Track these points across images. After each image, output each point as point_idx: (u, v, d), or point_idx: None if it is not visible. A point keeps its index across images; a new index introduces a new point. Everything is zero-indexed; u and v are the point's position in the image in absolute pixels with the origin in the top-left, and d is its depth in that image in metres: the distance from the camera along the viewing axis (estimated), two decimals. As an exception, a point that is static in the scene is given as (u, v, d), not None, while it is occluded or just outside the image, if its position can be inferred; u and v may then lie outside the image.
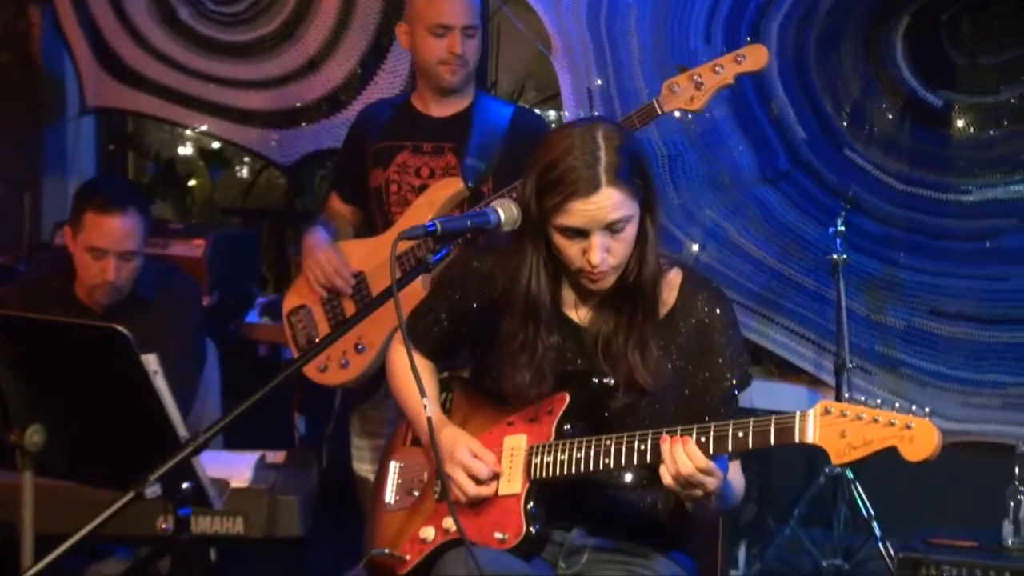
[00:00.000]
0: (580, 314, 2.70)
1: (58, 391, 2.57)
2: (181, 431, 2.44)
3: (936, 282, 4.44)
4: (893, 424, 2.26)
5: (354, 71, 5.19)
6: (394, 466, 2.90)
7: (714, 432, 2.42)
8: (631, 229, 2.54)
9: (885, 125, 4.51)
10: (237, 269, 5.07)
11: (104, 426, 2.55)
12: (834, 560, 4.26)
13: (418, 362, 2.76)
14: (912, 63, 4.41)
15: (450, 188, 3.67)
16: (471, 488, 2.63)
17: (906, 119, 4.47)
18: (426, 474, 2.82)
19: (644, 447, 2.50)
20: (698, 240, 4.62)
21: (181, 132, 6.04)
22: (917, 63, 4.41)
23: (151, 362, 2.41)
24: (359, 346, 3.70)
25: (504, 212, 2.53)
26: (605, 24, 4.61)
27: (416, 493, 2.82)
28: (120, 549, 3.50)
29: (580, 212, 2.49)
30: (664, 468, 2.44)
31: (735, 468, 2.61)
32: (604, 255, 2.52)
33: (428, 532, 2.70)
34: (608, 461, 2.54)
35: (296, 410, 4.78)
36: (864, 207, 4.48)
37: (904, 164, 4.48)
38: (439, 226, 2.44)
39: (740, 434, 2.40)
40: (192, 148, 6.26)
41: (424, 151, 3.78)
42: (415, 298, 2.94)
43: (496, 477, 2.65)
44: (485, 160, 3.69)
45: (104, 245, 3.61)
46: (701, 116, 4.50)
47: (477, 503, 2.64)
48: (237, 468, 3.34)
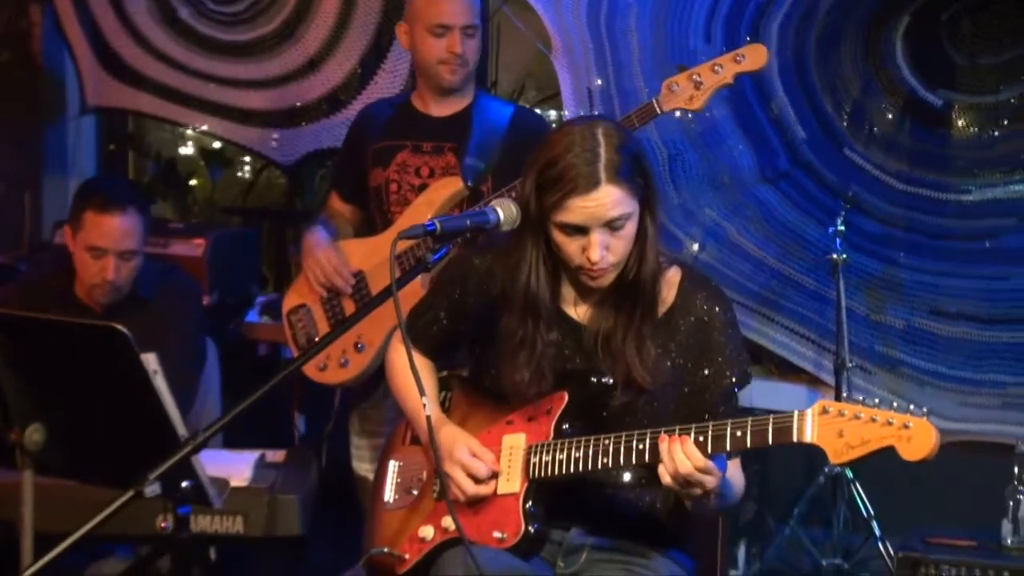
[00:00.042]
0: (579, 312, 2.70)
1: (58, 390, 2.57)
2: (180, 430, 2.44)
3: (936, 282, 4.44)
4: (891, 423, 2.26)
5: (354, 71, 5.19)
6: (393, 465, 2.90)
7: (712, 431, 2.42)
8: (631, 227, 2.55)
9: (885, 125, 4.51)
10: (237, 268, 5.07)
11: (104, 425, 2.55)
12: (834, 559, 4.26)
13: (417, 361, 2.76)
14: (912, 63, 4.41)
15: (449, 187, 3.67)
16: (470, 487, 2.63)
17: (906, 119, 4.47)
18: (425, 473, 2.82)
19: (642, 446, 2.50)
20: (698, 239, 4.62)
21: (181, 132, 6.04)
22: (917, 63, 4.41)
23: (151, 361, 2.41)
24: (358, 345, 3.70)
25: (503, 211, 2.53)
26: (605, 23, 4.61)
27: (415, 492, 2.82)
28: (120, 548, 3.50)
29: (580, 209, 2.50)
30: (663, 467, 2.44)
31: (735, 466, 2.61)
32: (603, 252, 2.52)
33: (427, 531, 2.70)
34: (606, 460, 2.54)
35: (296, 409, 4.77)
36: (864, 207, 4.48)
37: (904, 164, 4.48)
38: (438, 225, 2.44)
39: (738, 433, 2.40)
40: (192, 148, 6.26)
41: (424, 151, 3.78)
42: (414, 297, 2.94)
43: (495, 476, 2.65)
44: (485, 159, 3.69)
45: (103, 244, 3.61)
46: (701, 116, 4.50)
47: (476, 502, 2.64)
48: (237, 467, 3.33)
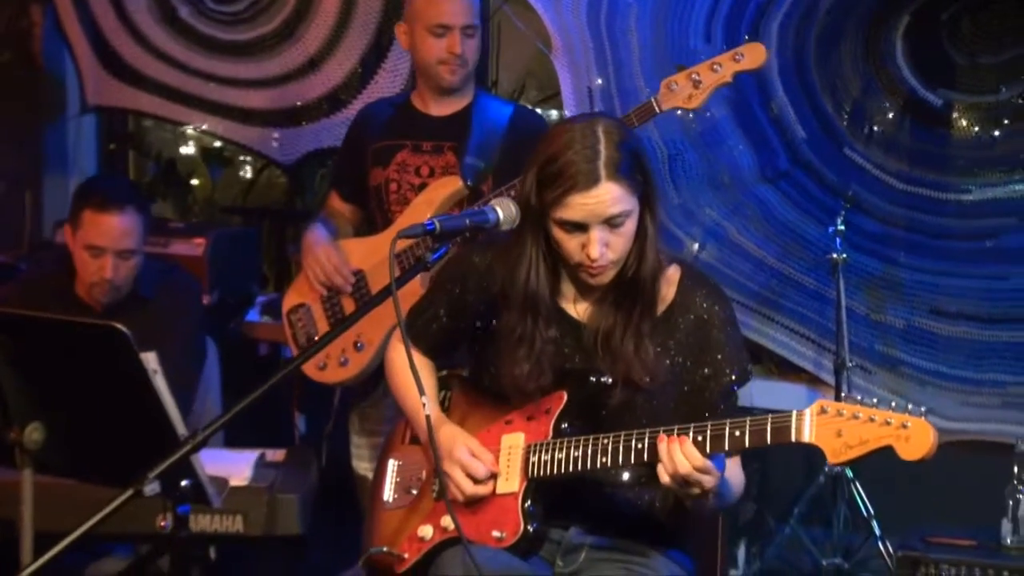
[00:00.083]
0: (579, 309, 2.70)
1: (58, 389, 2.57)
2: (180, 429, 2.44)
3: (936, 281, 4.44)
4: (889, 423, 2.26)
5: (355, 70, 5.19)
6: (392, 464, 2.90)
7: (711, 431, 2.42)
8: (630, 224, 2.55)
9: (885, 124, 4.51)
10: (238, 268, 5.07)
11: (104, 424, 2.55)
12: (834, 559, 4.26)
13: (417, 360, 2.76)
14: (912, 62, 4.41)
15: (449, 187, 3.67)
16: (468, 487, 2.63)
17: (906, 118, 4.47)
18: (424, 472, 2.82)
19: (641, 446, 2.49)
20: (698, 239, 4.62)
21: (182, 131, 6.04)
22: (917, 62, 4.41)
23: (150, 360, 2.41)
24: (358, 344, 3.71)
25: (502, 211, 2.54)
26: (605, 23, 4.61)
27: (414, 491, 2.82)
28: (120, 547, 3.50)
29: (579, 206, 2.50)
30: (661, 467, 2.44)
31: (735, 464, 2.61)
32: (603, 249, 2.52)
33: (426, 530, 2.70)
34: (605, 460, 2.54)
35: (296, 409, 4.77)
36: (864, 206, 4.48)
37: (904, 163, 4.48)
38: (438, 225, 2.44)
39: (737, 433, 2.40)
40: (193, 147, 6.25)
41: (424, 150, 3.78)
42: (413, 296, 2.94)
43: (493, 477, 2.65)
44: (485, 159, 3.69)
45: (102, 243, 3.61)
46: (701, 115, 4.52)
47: (475, 502, 2.64)
48: (237, 466, 3.33)
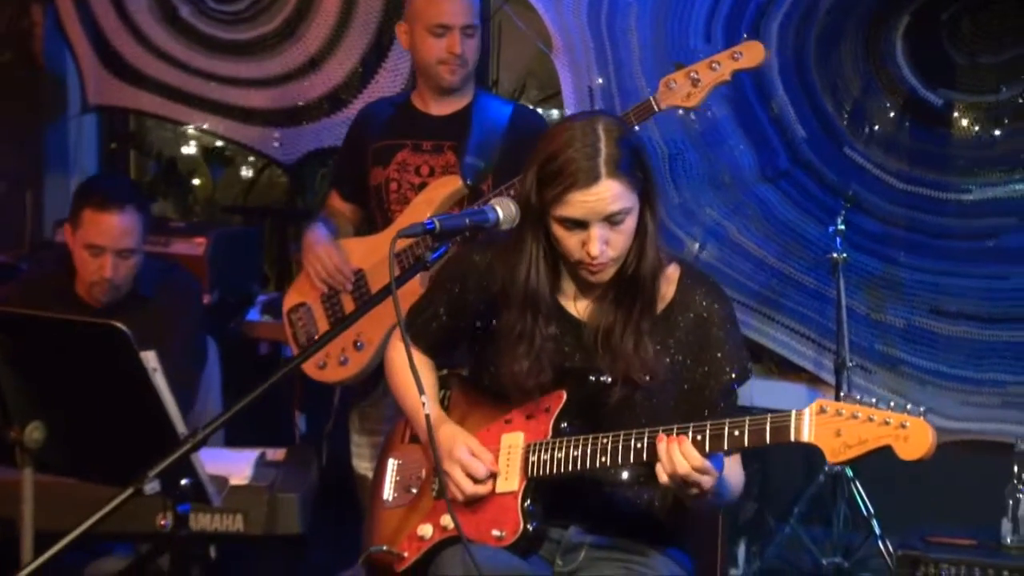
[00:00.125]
0: (579, 307, 2.70)
1: (58, 388, 2.57)
2: (180, 428, 2.44)
3: (936, 281, 4.44)
4: (888, 423, 2.26)
5: (355, 70, 5.19)
6: (392, 463, 2.90)
7: (710, 431, 2.42)
8: (630, 222, 2.55)
9: (885, 124, 4.51)
10: (238, 267, 5.07)
11: (104, 423, 2.55)
12: (834, 558, 4.26)
13: (417, 358, 2.76)
14: (912, 62, 4.41)
15: (449, 186, 3.67)
16: (468, 486, 2.63)
17: (906, 118, 4.48)
18: (424, 471, 2.82)
19: (641, 445, 2.49)
20: (699, 239, 4.62)
21: (183, 130, 6.04)
22: (917, 62, 4.41)
23: (150, 359, 2.41)
24: (358, 343, 3.71)
25: (502, 210, 2.54)
26: (606, 23, 4.61)
27: (414, 490, 2.82)
28: (121, 546, 3.51)
29: (580, 203, 2.50)
30: (660, 467, 2.44)
31: (735, 462, 2.61)
32: (603, 247, 2.52)
33: (426, 529, 2.70)
34: (605, 459, 2.54)
35: (297, 408, 4.78)
36: (864, 206, 4.48)
37: (904, 163, 4.48)
38: (437, 224, 2.44)
39: (736, 432, 2.40)
40: (194, 146, 6.26)
41: (424, 149, 3.78)
42: (413, 296, 2.94)
43: (493, 476, 2.65)
44: (485, 158, 3.69)
45: (101, 242, 3.61)
46: (702, 115, 4.53)
47: (475, 501, 2.64)
48: (237, 465, 3.33)
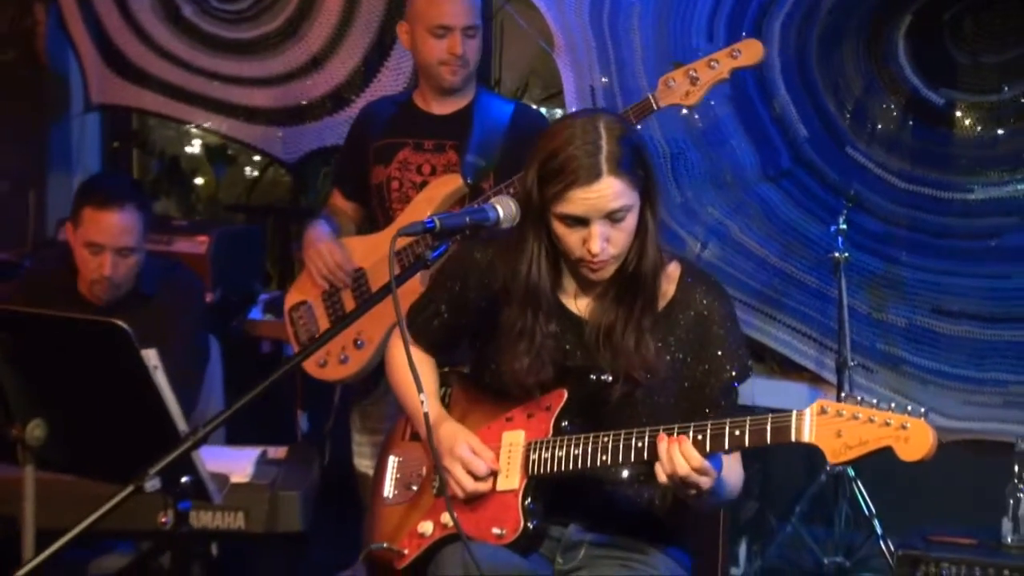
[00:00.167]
0: (580, 305, 2.70)
1: (59, 386, 2.57)
2: (181, 426, 2.44)
3: (938, 280, 4.44)
4: (889, 424, 2.26)
5: (358, 68, 5.20)
6: (393, 460, 2.90)
7: (711, 430, 2.42)
8: (631, 219, 2.55)
9: (887, 124, 4.51)
10: (240, 266, 5.08)
11: (105, 420, 2.56)
12: (835, 557, 4.26)
13: (418, 356, 2.78)
14: (914, 62, 4.41)
15: (449, 185, 3.67)
16: (468, 484, 2.63)
17: (908, 118, 4.47)
18: (425, 469, 2.83)
19: (641, 444, 2.50)
20: (700, 238, 4.62)
21: (186, 129, 6.05)
22: (919, 62, 4.41)
23: (151, 357, 2.41)
24: (358, 342, 3.71)
25: (502, 208, 2.54)
26: (608, 22, 4.61)
27: (415, 488, 2.82)
28: (123, 544, 3.51)
29: (581, 200, 2.50)
30: (659, 467, 2.44)
31: (734, 461, 2.61)
32: (604, 244, 2.53)
33: (426, 527, 2.70)
34: (605, 458, 2.54)
35: (299, 406, 4.78)
36: (866, 205, 4.48)
37: (906, 162, 4.48)
38: (438, 223, 2.44)
39: (737, 432, 2.40)
40: (197, 145, 6.27)
41: (425, 148, 3.79)
42: (413, 294, 2.94)
43: (494, 474, 2.65)
44: (486, 157, 3.70)
45: (101, 240, 3.62)
46: (704, 114, 4.53)
47: (475, 498, 2.64)
48: (239, 463, 3.34)
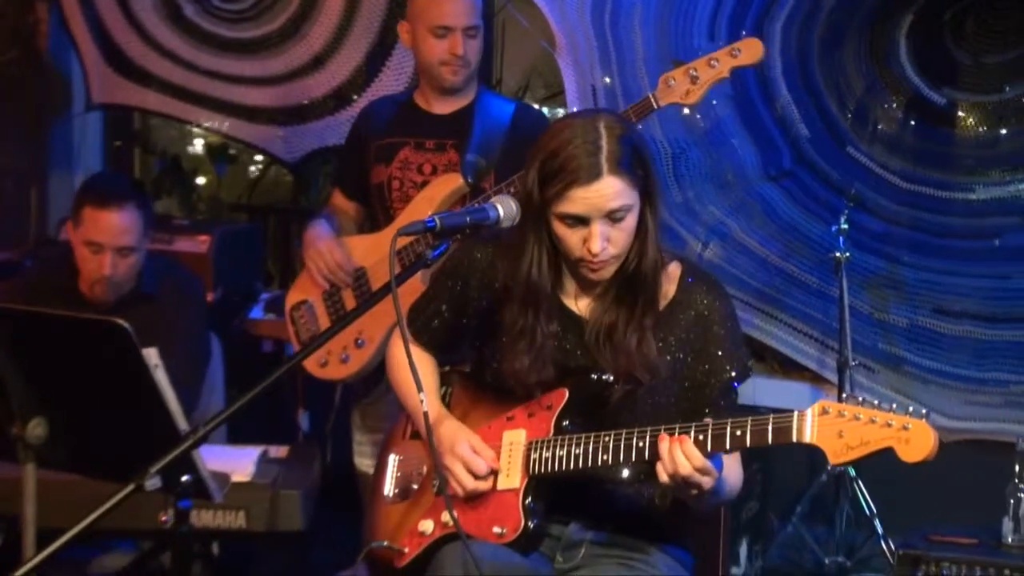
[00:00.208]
0: (580, 306, 2.70)
1: (60, 384, 2.58)
2: (181, 424, 2.45)
3: (939, 280, 4.44)
4: (890, 425, 2.26)
5: (359, 68, 5.20)
6: (393, 459, 2.90)
7: (712, 431, 2.42)
8: (631, 219, 2.55)
9: (889, 123, 4.51)
10: (242, 265, 5.08)
11: (106, 419, 2.56)
12: (836, 557, 4.26)
13: (419, 356, 2.78)
14: (915, 62, 4.41)
15: (450, 184, 3.67)
16: (469, 482, 2.63)
17: (910, 117, 4.47)
18: (425, 467, 2.83)
19: (642, 444, 2.50)
20: (702, 237, 4.62)
21: (187, 128, 6.05)
22: (920, 62, 4.41)
23: (152, 356, 2.41)
24: (359, 341, 3.71)
25: (503, 208, 2.54)
26: (609, 22, 4.61)
27: (415, 486, 2.82)
28: (124, 543, 3.52)
29: (581, 199, 2.50)
30: (661, 466, 2.44)
31: (734, 461, 2.60)
32: (604, 244, 2.53)
33: (427, 525, 2.70)
34: (607, 457, 2.54)
35: (300, 406, 4.78)
36: (868, 205, 4.48)
37: (908, 162, 4.48)
38: (438, 222, 2.45)
39: (738, 433, 2.40)
40: (198, 144, 6.27)
41: (426, 148, 3.79)
42: (414, 293, 2.93)
43: (494, 473, 2.65)
44: (487, 156, 3.70)
45: (101, 239, 3.62)
46: (705, 114, 4.53)
47: (476, 497, 2.64)
48: (240, 462, 3.34)
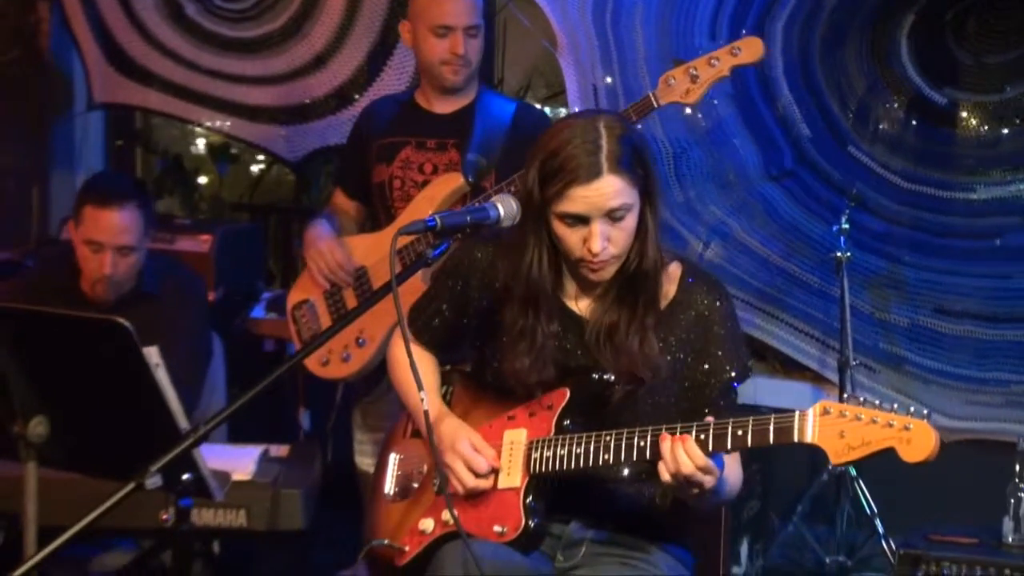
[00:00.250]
0: (581, 306, 2.70)
1: (62, 383, 2.58)
2: (182, 423, 2.45)
3: (940, 280, 4.43)
4: (892, 425, 2.26)
5: (361, 67, 5.20)
6: (394, 458, 2.91)
7: (714, 430, 2.42)
8: (631, 219, 2.55)
9: (890, 123, 4.51)
10: (243, 264, 5.09)
11: (107, 418, 2.56)
12: (837, 557, 4.26)
13: (420, 355, 2.79)
14: (917, 62, 4.41)
15: (451, 183, 3.68)
16: (469, 480, 2.63)
17: (911, 117, 4.47)
18: (426, 466, 2.83)
19: (644, 443, 2.50)
20: (703, 237, 4.62)
21: (190, 128, 6.06)
22: (922, 61, 4.41)
23: (152, 354, 2.42)
24: (360, 340, 3.72)
25: (503, 207, 2.54)
26: (611, 21, 4.61)
27: (416, 485, 2.83)
28: (126, 541, 3.52)
29: (581, 198, 2.51)
30: (663, 465, 2.44)
31: (734, 460, 2.60)
32: (604, 243, 2.53)
33: (427, 524, 2.70)
34: (607, 457, 2.54)
35: (301, 404, 4.79)
36: (869, 205, 4.48)
37: (909, 162, 4.48)
38: (439, 221, 2.45)
39: (739, 432, 2.40)
40: (200, 144, 6.27)
41: (427, 147, 3.79)
42: (414, 293, 2.94)
43: (495, 472, 2.65)
44: (488, 156, 3.70)
45: (101, 239, 3.63)
46: (707, 113, 4.53)
47: (476, 496, 2.65)
48: (241, 461, 3.34)
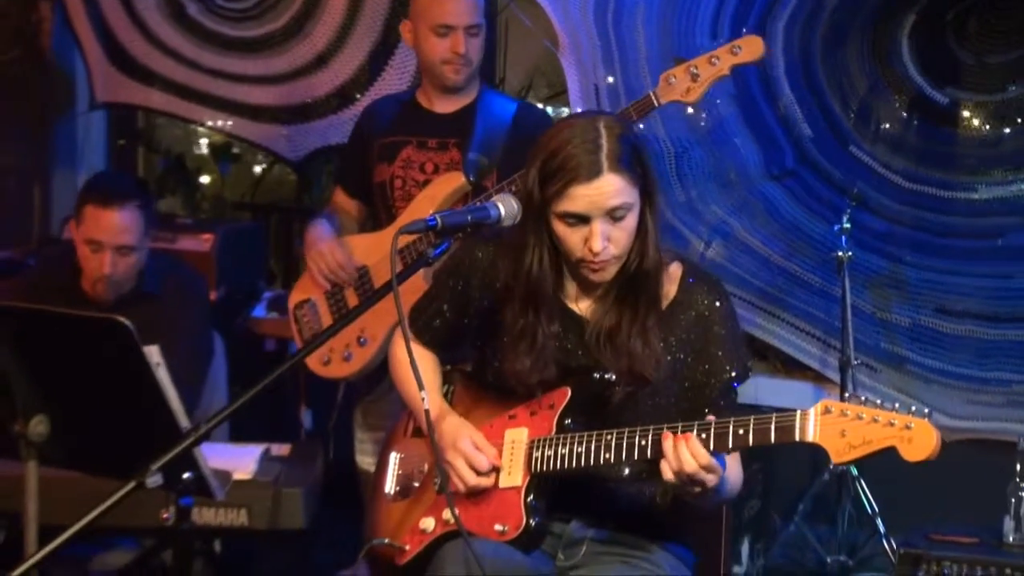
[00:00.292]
0: (581, 307, 2.71)
1: (62, 382, 2.58)
2: (183, 422, 2.45)
3: (942, 280, 4.44)
4: (893, 424, 2.26)
5: (363, 67, 5.21)
6: (395, 457, 2.91)
7: (715, 429, 2.43)
8: (631, 219, 2.56)
9: (892, 123, 4.51)
10: (245, 263, 5.09)
11: (107, 417, 2.57)
12: (838, 556, 4.26)
13: (421, 354, 2.79)
14: (918, 61, 4.41)
15: (452, 183, 3.68)
16: (471, 478, 2.64)
17: (913, 117, 4.47)
18: (427, 465, 2.83)
19: (645, 442, 2.50)
20: (704, 237, 4.62)
21: (191, 127, 6.06)
22: (923, 61, 4.41)
23: (153, 353, 2.42)
24: (361, 339, 3.72)
25: (504, 207, 2.55)
26: (612, 21, 4.61)
27: (416, 484, 2.83)
28: (127, 540, 3.52)
29: (582, 197, 2.51)
30: (665, 464, 2.44)
31: (733, 460, 2.60)
32: (605, 243, 2.53)
33: (428, 523, 2.71)
34: (608, 456, 2.54)
35: (302, 403, 4.79)
36: (870, 204, 4.48)
37: (911, 162, 4.48)
38: (440, 220, 2.46)
39: (741, 431, 2.40)
40: (202, 143, 6.27)
41: (429, 147, 3.79)
42: (415, 292, 2.94)
43: (496, 470, 2.66)
44: (489, 155, 3.71)
45: (101, 238, 3.63)
46: (708, 113, 4.53)
47: (478, 495, 2.65)
48: (242, 460, 3.34)
